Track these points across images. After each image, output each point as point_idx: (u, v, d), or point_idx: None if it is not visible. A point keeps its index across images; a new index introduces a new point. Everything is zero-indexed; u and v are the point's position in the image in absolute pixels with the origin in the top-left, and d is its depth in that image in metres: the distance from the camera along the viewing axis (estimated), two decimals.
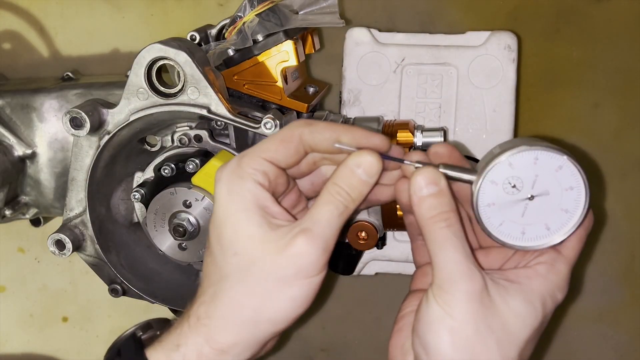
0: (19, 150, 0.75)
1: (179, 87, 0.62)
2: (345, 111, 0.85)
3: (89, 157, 0.65)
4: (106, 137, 0.64)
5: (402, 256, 0.85)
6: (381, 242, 0.77)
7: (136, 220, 0.73)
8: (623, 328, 0.94)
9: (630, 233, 0.93)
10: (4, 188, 0.73)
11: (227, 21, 0.72)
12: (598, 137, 0.92)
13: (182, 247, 0.67)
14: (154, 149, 0.72)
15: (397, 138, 0.70)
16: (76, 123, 0.63)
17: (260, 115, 0.66)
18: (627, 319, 0.94)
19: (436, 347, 0.43)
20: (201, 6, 0.93)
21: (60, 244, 0.67)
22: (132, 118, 0.63)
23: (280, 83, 0.70)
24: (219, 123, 0.67)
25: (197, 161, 0.65)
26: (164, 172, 0.67)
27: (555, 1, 0.90)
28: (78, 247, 0.68)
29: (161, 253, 0.69)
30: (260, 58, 0.69)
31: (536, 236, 0.45)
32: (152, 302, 0.72)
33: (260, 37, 0.69)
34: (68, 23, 0.94)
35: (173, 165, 0.67)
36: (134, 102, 0.63)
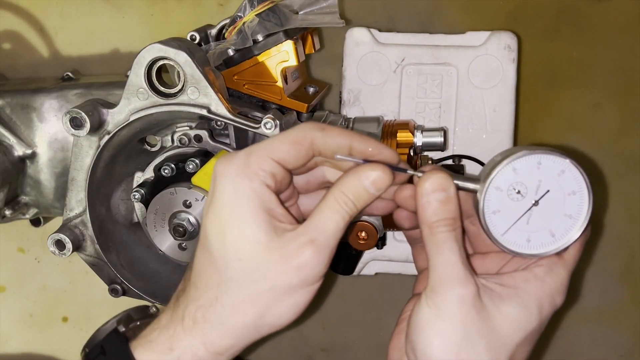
0: (19, 150, 0.75)
1: (179, 87, 0.62)
2: (345, 111, 0.85)
3: (89, 157, 0.65)
4: (106, 137, 0.64)
5: (402, 256, 0.85)
6: (381, 242, 0.77)
7: (136, 220, 0.73)
8: (623, 328, 0.94)
9: (630, 233, 0.93)
10: (4, 188, 0.73)
11: (227, 21, 0.72)
12: (598, 137, 0.92)
13: (182, 247, 0.67)
14: (154, 149, 0.72)
15: (397, 138, 0.70)
16: (76, 123, 0.63)
17: (260, 115, 0.66)
18: (627, 319, 0.94)
19: (424, 349, 0.43)
20: (201, 6, 0.93)
21: (60, 244, 0.67)
22: (132, 118, 0.63)
23: (280, 83, 0.70)
24: (219, 123, 0.67)
25: (197, 161, 0.65)
26: (164, 172, 0.67)
27: (555, 1, 0.90)
28: (78, 247, 0.68)
29: (161, 253, 0.69)
30: (260, 58, 0.69)
31: (541, 243, 0.44)
32: (152, 302, 0.72)
33: (260, 37, 0.69)
34: (68, 23, 0.94)
35: (173, 165, 0.67)
36: (134, 102, 0.63)
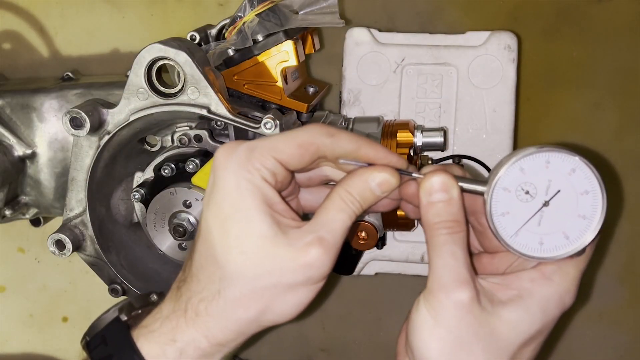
0: (19, 150, 0.75)
1: (179, 87, 0.62)
2: (345, 111, 0.85)
3: (89, 157, 0.65)
4: (106, 137, 0.64)
5: (402, 256, 0.85)
6: (381, 242, 0.77)
7: (136, 220, 0.73)
8: (623, 328, 0.94)
9: (630, 233, 0.93)
10: (4, 188, 0.73)
11: (227, 21, 0.72)
12: (598, 137, 0.92)
13: (182, 247, 0.67)
14: (154, 149, 0.72)
15: (397, 138, 0.69)
16: (76, 123, 0.63)
17: (260, 115, 0.66)
18: (627, 319, 0.94)
19: (420, 350, 0.43)
20: (201, 6, 0.93)
21: (60, 244, 0.67)
22: (132, 118, 0.63)
23: (280, 83, 0.70)
24: (219, 123, 0.67)
25: (197, 161, 0.65)
26: (164, 172, 0.67)
27: (555, 1, 0.90)
28: (78, 247, 0.68)
29: (161, 253, 0.69)
30: (260, 58, 0.69)
31: (555, 246, 0.43)
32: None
33: (260, 37, 0.69)
34: (68, 23, 0.94)
35: (173, 165, 0.67)
36: (134, 102, 0.63)
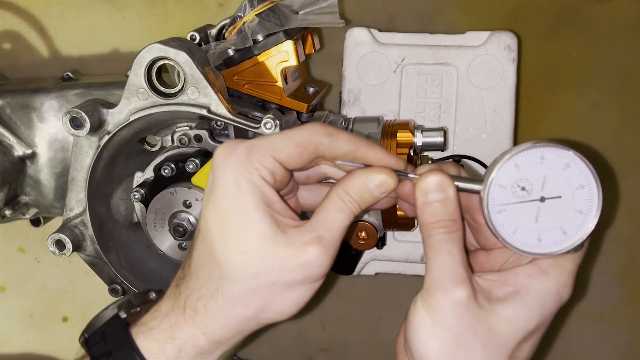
0: (19, 150, 0.75)
1: (179, 87, 0.62)
2: (345, 111, 0.85)
3: (89, 157, 0.65)
4: (106, 137, 0.64)
5: (402, 256, 0.85)
6: (381, 242, 0.77)
7: (136, 220, 0.73)
8: (623, 328, 0.94)
9: (630, 233, 0.93)
10: (4, 188, 0.73)
11: (227, 21, 0.72)
12: (598, 137, 0.92)
13: (182, 247, 0.67)
14: (154, 149, 0.72)
15: (397, 138, 0.69)
16: (76, 123, 0.63)
17: (260, 115, 0.66)
18: (627, 319, 0.94)
19: (419, 351, 0.43)
20: (201, 6, 0.93)
21: (60, 244, 0.67)
22: (132, 118, 0.63)
23: (280, 83, 0.70)
24: (219, 123, 0.67)
25: (197, 161, 0.65)
26: (164, 172, 0.67)
27: (555, 1, 0.90)
28: (78, 247, 0.68)
29: (161, 253, 0.69)
30: (260, 58, 0.69)
31: (553, 242, 0.43)
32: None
33: (260, 37, 0.69)
34: (68, 23, 0.94)
35: (173, 165, 0.67)
36: (134, 102, 0.63)
